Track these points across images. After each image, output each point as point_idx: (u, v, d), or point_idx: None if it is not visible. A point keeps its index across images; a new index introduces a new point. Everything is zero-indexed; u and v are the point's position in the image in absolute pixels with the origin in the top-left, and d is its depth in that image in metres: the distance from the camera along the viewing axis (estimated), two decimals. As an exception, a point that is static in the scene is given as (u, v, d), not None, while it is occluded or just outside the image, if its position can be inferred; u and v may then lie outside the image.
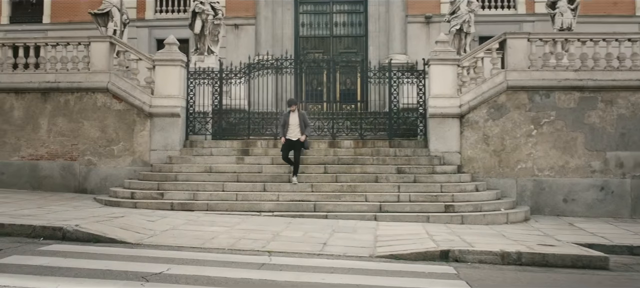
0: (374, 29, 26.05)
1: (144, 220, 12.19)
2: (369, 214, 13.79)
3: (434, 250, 9.74)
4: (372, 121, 18.26)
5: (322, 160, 16.31)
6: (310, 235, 11.15)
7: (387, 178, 15.26)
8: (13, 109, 17.32)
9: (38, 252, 8.76)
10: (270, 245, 10.02)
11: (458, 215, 13.80)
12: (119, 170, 16.82)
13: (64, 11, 27.65)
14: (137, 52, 17.84)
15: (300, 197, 14.52)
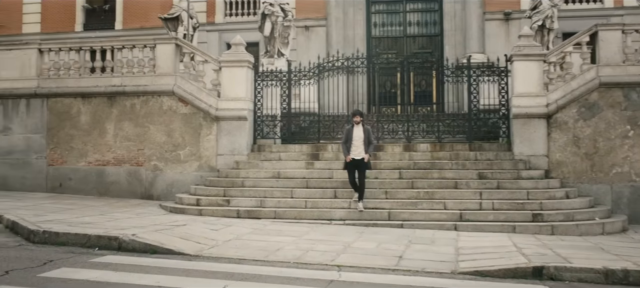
0: (449, 28, 24.83)
1: (207, 228, 11.47)
2: (449, 223, 12.67)
3: (525, 267, 8.57)
4: (450, 123, 17.09)
5: (396, 165, 15.28)
6: (384, 247, 10.16)
7: (467, 184, 14.09)
8: (80, 114, 17.03)
9: (89, 265, 8.11)
10: (340, 258, 9.08)
11: (547, 225, 12.51)
12: (185, 176, 16.24)
13: (136, 17, 27.64)
14: (203, 53, 17.28)
15: (374, 204, 13.54)
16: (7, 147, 17.50)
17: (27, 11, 29.75)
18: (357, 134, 13.32)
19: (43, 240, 9.81)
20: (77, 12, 29.00)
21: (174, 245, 9.45)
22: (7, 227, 11.38)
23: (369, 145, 13.35)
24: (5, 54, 17.65)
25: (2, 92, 17.48)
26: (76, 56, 17.21)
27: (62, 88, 17.09)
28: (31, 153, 17.33)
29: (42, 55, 17.45)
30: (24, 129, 17.39)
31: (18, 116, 17.44)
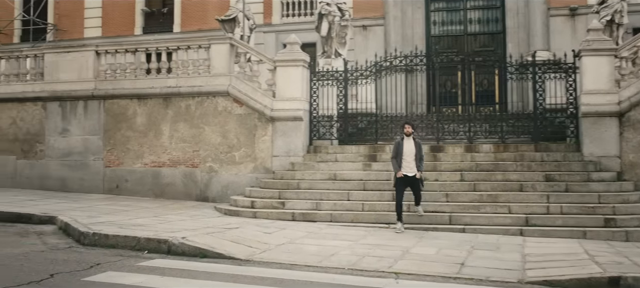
0: (512, 25, 23.94)
1: (260, 232, 11.12)
2: (514, 228, 11.97)
3: (599, 277, 7.88)
4: (514, 123, 16.31)
5: (457, 167, 14.63)
6: (445, 253, 9.59)
7: (533, 186, 13.34)
8: (136, 115, 16.98)
9: (136, 268, 7.84)
10: (398, 265, 8.57)
11: (621, 231, 11.67)
12: (240, 178, 15.97)
13: (193, 20, 27.70)
14: (258, 53, 17.00)
15: (434, 207, 12.95)
16: (65, 149, 17.61)
17: (88, 16, 30.25)
18: (408, 148, 12.09)
19: (93, 243, 9.64)
20: (137, 15, 29.29)
21: (224, 249, 9.10)
22: (60, 229, 11.30)
23: (421, 161, 12.20)
24: (64, 57, 17.78)
25: (60, 94, 17.60)
26: (132, 58, 17.18)
27: (118, 89, 17.09)
28: (89, 154, 17.39)
29: (99, 57, 17.49)
30: (82, 131, 17.46)
31: (76, 118, 17.52)
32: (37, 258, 8.34)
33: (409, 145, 12.13)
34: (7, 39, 30.65)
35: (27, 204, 13.99)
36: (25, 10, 31.17)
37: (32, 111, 18.03)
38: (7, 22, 30.96)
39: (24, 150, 18.11)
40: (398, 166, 12.03)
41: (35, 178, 17.91)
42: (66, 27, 30.27)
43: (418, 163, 12.08)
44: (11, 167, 18.22)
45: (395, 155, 12.13)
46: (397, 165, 12.05)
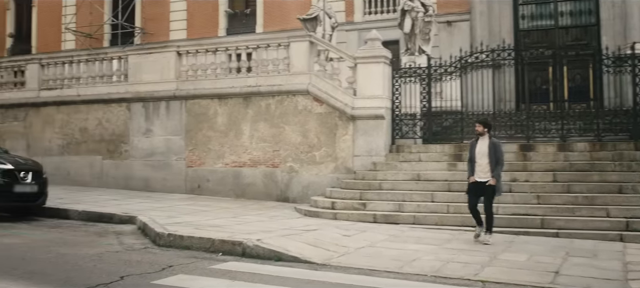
0: (607, 17, 22.53)
1: (339, 234, 10.70)
2: (613, 233, 11.04)
3: None
4: (611, 120, 15.24)
5: (549, 166, 13.75)
6: (536, 260, 8.87)
7: (634, 188, 12.32)
8: (217, 115, 16.92)
9: (207, 271, 7.56)
10: (485, 272, 7.94)
11: None
12: (320, 178, 15.61)
13: (276, 20, 27.62)
14: (338, 50, 16.62)
15: (524, 210, 12.17)
16: (149, 149, 17.77)
17: (173, 19, 30.71)
18: (481, 149, 10.47)
19: (168, 244, 9.47)
20: (220, 17, 29.51)
21: (300, 252, 8.72)
22: (139, 229, 11.26)
23: (496, 165, 10.36)
24: (146, 58, 17.95)
25: (143, 95, 17.77)
26: (212, 58, 17.13)
27: (199, 90, 17.08)
28: (171, 154, 17.47)
29: (180, 58, 17.54)
30: (164, 131, 17.57)
31: (158, 118, 17.65)
32: (111, 259, 8.22)
33: (481, 145, 10.51)
34: (97, 43, 31.50)
35: (110, 204, 14.11)
36: (114, 14, 32.00)
37: (117, 112, 18.30)
38: (98, 26, 31.85)
39: (109, 150, 18.41)
40: (471, 170, 10.60)
41: (120, 178, 18.16)
42: (153, 30, 30.84)
43: (493, 166, 10.33)
44: (98, 167, 18.55)
45: (470, 158, 10.71)
46: (471, 169, 10.61)
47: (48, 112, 19.43)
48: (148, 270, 7.52)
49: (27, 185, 12.48)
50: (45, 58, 20.27)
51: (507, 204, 12.29)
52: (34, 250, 8.67)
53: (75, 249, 8.86)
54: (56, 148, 19.28)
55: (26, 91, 19.87)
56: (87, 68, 19.05)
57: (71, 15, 32.91)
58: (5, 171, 12.20)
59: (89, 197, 15.47)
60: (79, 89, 18.91)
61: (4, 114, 20.27)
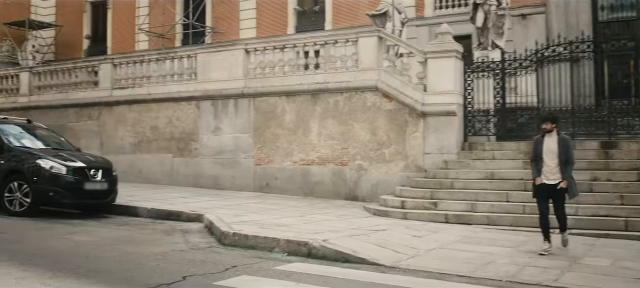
0: (694, 6, 21.27)
1: (409, 235, 10.31)
2: None
3: None
4: (702, 115, 14.27)
5: (633, 165, 12.92)
6: (621, 265, 8.26)
7: None
8: (285, 113, 16.75)
9: (271, 273, 7.32)
10: (565, 278, 7.41)
11: None
12: (390, 176, 15.21)
13: (345, 16, 27.32)
14: (407, 45, 16.17)
15: (606, 211, 11.45)
16: (217, 147, 17.77)
17: (243, 18, 30.83)
18: (548, 147, 9.22)
19: (233, 243, 9.30)
20: (289, 15, 29.43)
21: (368, 253, 8.38)
22: (205, 227, 11.17)
23: (567, 165, 9.17)
24: (214, 56, 17.97)
25: (212, 93, 17.78)
26: (280, 55, 16.98)
27: (267, 87, 16.95)
28: (239, 152, 17.42)
29: (248, 55, 17.46)
30: (233, 129, 17.53)
31: (227, 116, 17.63)
32: (175, 258, 8.09)
33: (549, 143, 9.25)
34: (169, 43, 31.95)
35: (178, 202, 14.12)
36: (185, 14, 32.40)
37: (187, 110, 18.39)
38: (170, 27, 32.32)
39: (179, 148, 18.52)
40: (537, 171, 9.34)
41: (190, 176, 18.24)
42: (223, 29, 31.06)
43: (563, 166, 9.15)
44: (168, 165, 18.70)
45: (534, 158, 9.38)
46: (536, 169, 9.34)
47: (120, 111, 19.73)
48: (211, 270, 7.34)
49: (97, 182, 12.59)
50: (117, 58, 20.63)
51: (587, 205, 11.60)
52: (100, 248, 8.64)
53: (141, 248, 8.80)
54: (128, 147, 19.55)
55: (100, 90, 20.25)
56: (158, 67, 19.24)
57: (144, 16, 33.51)
58: (76, 168, 12.34)
59: (158, 194, 15.56)
60: (150, 88, 19.12)
61: (79, 113, 20.71)
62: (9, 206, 12.09)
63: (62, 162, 12.28)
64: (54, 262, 7.48)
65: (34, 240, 9.13)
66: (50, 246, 8.62)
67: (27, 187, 12.01)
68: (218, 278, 6.90)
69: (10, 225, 10.80)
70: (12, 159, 12.44)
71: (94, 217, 12.43)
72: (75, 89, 20.97)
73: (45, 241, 9.06)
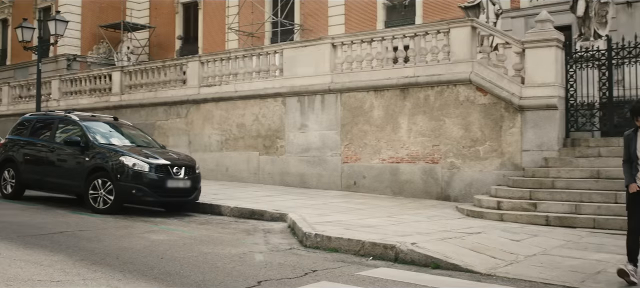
0: None
1: (506, 239, 9.44)
2: None
3: None
4: None
5: None
6: None
7: None
8: (373, 108, 16.09)
9: (354, 279, 6.69)
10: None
11: None
12: (485, 175, 14.28)
13: (435, 9, 26.43)
14: (503, 34, 15.18)
15: None
16: (304, 144, 17.32)
17: (332, 14, 30.41)
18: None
19: (315, 245, 8.75)
20: (378, 10, 28.82)
21: (460, 259, 7.62)
22: (289, 227, 10.69)
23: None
24: (301, 52, 17.53)
25: (298, 89, 17.36)
26: (368, 48, 16.33)
27: (354, 82, 16.34)
28: (326, 150, 16.90)
29: (335, 50, 16.91)
30: (319, 126, 17.03)
31: (313, 113, 17.15)
32: (252, 260, 7.61)
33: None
34: (259, 41, 31.89)
35: (263, 200, 13.74)
36: (274, 12, 32.30)
37: (273, 107, 18.05)
38: (259, 25, 32.29)
39: (265, 146, 18.21)
40: (630, 175, 7.20)
41: (276, 174, 17.90)
42: (311, 26, 30.75)
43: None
44: (254, 162, 18.42)
45: (628, 158, 7.28)
46: (629, 173, 7.22)
47: (207, 109, 19.63)
48: (289, 274, 6.80)
49: (180, 180, 12.35)
50: (204, 56, 20.55)
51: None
52: (176, 248, 8.28)
53: (218, 248, 8.38)
54: (215, 144, 19.43)
55: (187, 88, 20.24)
56: (244, 64, 19.01)
57: (233, 15, 33.65)
58: (159, 166, 12.14)
59: (243, 193, 15.26)
60: (236, 85, 18.91)
61: (168, 111, 20.78)
62: (94, 203, 12.03)
63: (145, 159, 12.10)
64: (127, 262, 7.14)
65: (111, 238, 8.88)
66: (126, 245, 8.33)
67: (110, 184, 11.91)
68: (295, 284, 6.36)
69: (92, 222, 10.67)
70: (97, 156, 12.39)
71: (177, 216, 12.20)
72: (164, 88, 21.08)
73: (122, 240, 8.80)
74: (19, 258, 7.13)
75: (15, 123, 15.79)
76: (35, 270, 6.56)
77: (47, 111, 16.27)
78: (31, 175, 13.64)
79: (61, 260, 7.14)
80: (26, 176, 13.72)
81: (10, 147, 14.31)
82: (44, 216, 11.24)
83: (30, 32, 20.93)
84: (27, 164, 13.76)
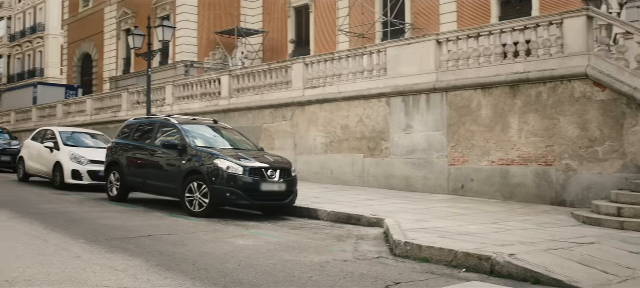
0: None
1: (624, 251, 8.41)
2: None
3: None
4: None
5: None
6: None
7: None
8: (480, 108, 15.19)
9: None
10: None
11: None
12: (604, 178, 13.05)
13: (553, 3, 24.89)
14: (624, 23, 13.87)
15: None
16: (409, 146, 16.66)
17: (443, 11, 29.53)
18: None
19: (405, 254, 8.13)
20: (492, 5, 27.71)
21: (565, 273, 6.75)
22: (384, 233, 10.12)
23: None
24: (405, 50, 16.88)
25: (402, 89, 16.72)
26: (474, 44, 15.43)
27: (460, 80, 15.51)
28: (432, 152, 16.16)
29: (440, 46, 16.14)
30: (425, 127, 16.32)
31: (418, 113, 16.45)
32: (333, 270, 7.11)
33: None
34: (369, 42, 31.44)
35: (363, 204, 13.23)
36: (384, 13, 31.76)
37: (377, 108, 17.51)
38: (369, 26, 31.85)
39: (370, 148, 17.70)
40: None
41: (381, 177, 17.34)
42: (422, 25, 29.97)
43: None
44: (359, 165, 17.96)
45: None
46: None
47: (312, 111, 19.38)
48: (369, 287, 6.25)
49: (274, 183, 12.06)
50: (308, 58, 20.32)
51: None
52: (258, 255, 7.93)
53: (302, 256, 7.95)
54: (320, 147, 19.14)
55: (292, 91, 20.10)
56: (347, 64, 18.61)
57: (344, 17, 33.43)
58: (253, 169, 11.90)
59: (344, 196, 14.82)
60: (340, 86, 18.53)
61: (274, 114, 20.74)
62: (190, 207, 11.99)
63: (238, 162, 11.91)
64: (201, 269, 6.86)
65: (196, 243, 8.68)
66: (208, 250, 8.08)
67: (205, 187, 11.81)
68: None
69: (184, 226, 10.58)
70: (193, 159, 12.35)
71: (272, 219, 11.94)
72: (270, 91, 21.07)
73: (207, 245, 8.57)
74: (97, 263, 7.03)
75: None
76: (107, 275, 6.41)
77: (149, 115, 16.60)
78: (134, 178, 13.87)
79: (137, 265, 6.97)
80: (129, 179, 13.97)
81: (116, 151, 14.64)
82: (139, 219, 11.29)
83: (140, 39, 21.55)
84: (130, 167, 14.01)
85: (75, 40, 51.68)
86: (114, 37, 45.44)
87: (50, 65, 69.24)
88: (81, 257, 7.37)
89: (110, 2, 46.07)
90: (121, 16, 44.50)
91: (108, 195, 14.59)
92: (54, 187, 17.42)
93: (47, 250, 7.72)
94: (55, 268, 6.68)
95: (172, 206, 13.32)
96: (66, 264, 6.90)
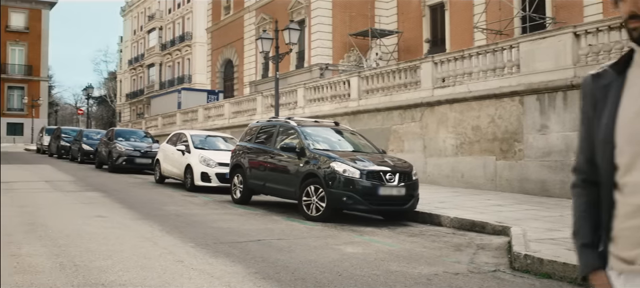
0: None
1: None
2: None
3: None
4: None
5: None
6: None
7: None
8: (624, 105, 13.82)
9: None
10: None
11: None
12: None
13: None
14: None
15: None
16: (544, 148, 15.53)
17: (587, 3, 27.58)
18: None
19: (523, 267, 7.35)
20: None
21: None
22: (508, 243, 9.31)
23: None
24: (538, 44, 15.76)
25: (536, 86, 15.62)
26: (617, 36, 14.08)
27: (602, 76, 14.19)
28: (570, 154, 14.91)
29: (578, 39, 14.90)
30: (561, 126, 15.13)
31: (554, 112, 15.28)
32: (440, 284, 6.52)
33: None
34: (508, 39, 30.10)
35: (490, 210, 12.40)
36: (522, 7, 30.24)
37: (509, 107, 16.49)
38: (507, 21, 30.48)
39: (502, 149, 16.71)
40: None
41: (514, 181, 16.31)
42: (565, 18, 28.16)
43: None
44: (491, 168, 17.01)
45: None
46: None
47: (441, 111, 18.65)
48: (472, 306, 5.64)
49: (393, 187, 11.53)
50: (437, 56, 19.58)
51: None
52: (364, 264, 7.46)
53: (410, 266, 7.40)
54: (450, 149, 18.36)
55: (421, 91, 19.46)
56: (478, 62, 17.70)
57: (480, 13, 32.22)
58: (370, 172, 11.46)
59: (472, 201, 14.02)
60: (470, 85, 17.68)
61: (403, 115, 20.19)
62: (307, 210, 11.76)
63: (355, 165, 11.51)
64: (299, 278, 6.52)
65: (303, 249, 8.37)
66: (312, 258, 7.74)
67: (322, 191, 11.53)
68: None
69: (297, 230, 10.33)
70: (311, 162, 12.12)
71: (390, 225, 11.43)
72: (398, 91, 20.54)
73: (313, 252, 8.24)
74: (196, 268, 6.89)
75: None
76: (201, 282, 6.23)
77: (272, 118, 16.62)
78: (255, 180, 13.88)
79: (234, 271, 6.76)
80: (251, 181, 13.99)
81: (239, 153, 14.74)
82: (255, 222, 11.20)
83: (268, 42, 21.77)
84: (251, 170, 14.04)
85: (218, 46, 53.74)
86: (253, 43, 46.72)
87: (197, 71, 72.59)
88: (183, 261, 7.28)
89: (250, 8, 47.44)
90: (259, 22, 45.69)
91: (232, 198, 14.73)
92: (185, 188, 17.90)
93: (153, 253, 7.71)
94: (154, 272, 6.61)
95: (292, 209, 13.17)
96: (165, 269, 6.81)
